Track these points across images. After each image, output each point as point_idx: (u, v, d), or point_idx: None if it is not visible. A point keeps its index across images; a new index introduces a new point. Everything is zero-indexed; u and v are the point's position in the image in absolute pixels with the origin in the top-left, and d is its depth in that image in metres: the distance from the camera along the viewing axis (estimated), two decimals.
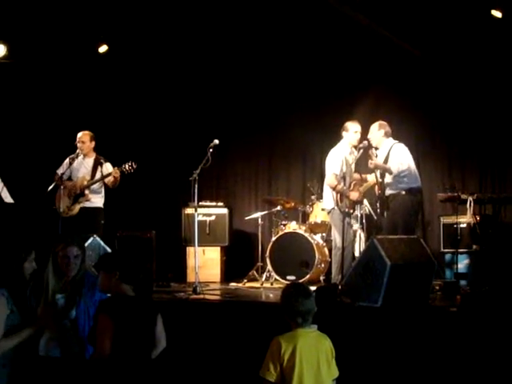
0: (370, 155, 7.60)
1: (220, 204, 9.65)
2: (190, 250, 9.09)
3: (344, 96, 9.58)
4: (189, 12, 9.18)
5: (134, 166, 7.80)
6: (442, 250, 8.56)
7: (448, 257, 8.46)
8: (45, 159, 9.34)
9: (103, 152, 8.32)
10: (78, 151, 8.05)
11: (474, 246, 8.22)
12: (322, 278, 8.58)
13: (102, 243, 7.35)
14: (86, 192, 8.00)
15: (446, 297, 6.89)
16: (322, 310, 4.26)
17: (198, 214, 8.29)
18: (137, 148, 9.69)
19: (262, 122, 10.22)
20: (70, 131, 8.41)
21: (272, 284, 8.57)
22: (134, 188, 9.35)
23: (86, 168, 8.14)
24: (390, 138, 7.68)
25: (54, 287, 4.24)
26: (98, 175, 8.05)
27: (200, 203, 8.67)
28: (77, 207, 8.01)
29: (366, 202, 8.11)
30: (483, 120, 9.08)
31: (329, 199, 7.82)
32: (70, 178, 8.14)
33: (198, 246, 8.04)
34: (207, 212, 9.45)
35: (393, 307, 5.92)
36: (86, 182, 8.02)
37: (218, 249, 9.45)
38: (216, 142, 7.66)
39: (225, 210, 9.58)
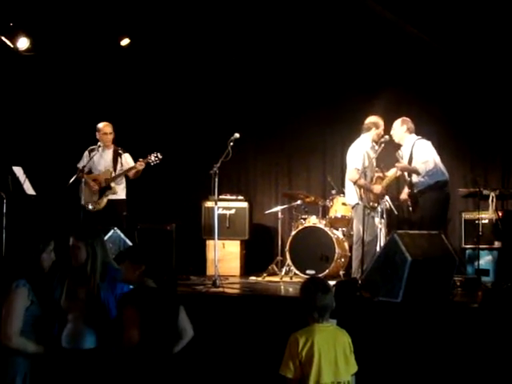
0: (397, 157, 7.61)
1: (240, 197, 9.64)
2: (209, 243, 9.10)
3: (365, 90, 9.50)
4: (211, 7, 9.18)
5: (160, 157, 7.86)
6: (463, 245, 8.50)
7: (469, 253, 8.40)
8: (67, 151, 9.39)
9: (125, 145, 8.36)
10: (99, 143, 8.09)
11: (496, 242, 8.16)
12: (341, 272, 8.55)
13: (122, 236, 7.38)
14: (113, 185, 8.07)
15: (467, 293, 6.85)
16: (342, 305, 4.25)
17: (218, 208, 8.30)
18: (158, 141, 9.69)
19: (283, 116, 10.20)
20: (92, 123, 8.45)
21: (291, 278, 8.56)
22: (154, 181, 9.38)
23: (105, 160, 8.19)
24: (413, 134, 7.66)
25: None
26: (118, 167, 8.10)
27: (220, 196, 8.66)
28: (104, 200, 8.10)
29: (386, 197, 8.07)
30: (506, 115, 8.98)
31: (352, 194, 7.78)
32: (90, 171, 8.18)
33: (218, 239, 8.07)
34: (227, 205, 9.45)
35: (413, 303, 5.90)
36: (110, 175, 8.06)
37: (238, 242, 9.45)
38: (236, 135, 7.68)
39: (245, 204, 9.58)
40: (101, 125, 8.18)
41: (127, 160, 8.18)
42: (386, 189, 7.88)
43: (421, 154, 7.46)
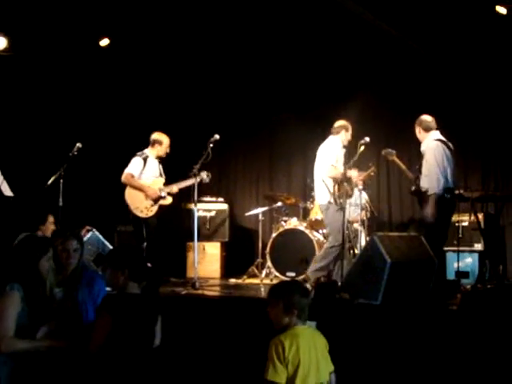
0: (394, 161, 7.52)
1: (220, 199, 9.63)
2: (189, 245, 9.08)
3: (346, 92, 9.55)
4: (192, 8, 9.12)
5: (210, 176, 7.94)
6: (443, 248, 8.49)
7: (449, 255, 8.40)
8: (44, 153, 9.32)
9: (101, 147, 8.30)
10: (148, 151, 8.12)
11: (476, 245, 8.18)
12: None
13: (101, 237, 7.34)
14: (164, 194, 8.08)
15: (446, 295, 6.84)
16: (322, 307, 4.21)
17: (199, 210, 8.26)
18: (137, 142, 9.65)
19: (263, 118, 10.20)
20: (70, 125, 8.37)
21: (272, 280, 8.51)
22: None
23: (156, 169, 8.19)
24: (432, 132, 7.32)
25: (52, 281, 4.20)
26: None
27: (200, 198, 8.64)
28: (155, 208, 8.05)
29: (365, 195, 8.05)
30: (486, 118, 9.03)
31: (324, 193, 7.56)
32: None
33: (198, 241, 8.01)
34: (207, 207, 9.43)
35: (392, 305, 5.89)
36: (163, 185, 8.09)
37: (218, 244, 9.44)
38: (216, 136, 7.63)
39: (225, 206, 9.57)
40: (165, 137, 8.20)
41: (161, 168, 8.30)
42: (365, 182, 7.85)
43: (428, 157, 7.26)
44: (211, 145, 7.60)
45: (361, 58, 9.48)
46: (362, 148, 7.44)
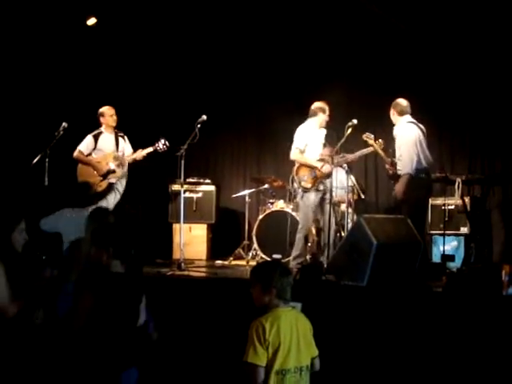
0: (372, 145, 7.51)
1: (207, 181, 9.59)
2: (176, 226, 9.05)
3: (334, 75, 9.51)
4: None
5: (168, 145, 7.72)
6: (429, 231, 8.52)
7: (435, 238, 8.44)
8: (29, 132, 9.22)
9: (86, 126, 8.22)
10: (102, 128, 7.98)
11: (462, 228, 8.20)
12: (308, 256, 8.53)
13: None
14: (113, 167, 7.90)
15: (432, 277, 6.86)
16: (308, 288, 4.20)
17: (185, 191, 8.24)
18: (124, 122, 9.58)
19: (252, 100, 10.13)
20: (55, 104, 8.27)
21: (258, 262, 8.51)
22: None
23: (110, 144, 8.03)
24: (406, 116, 7.31)
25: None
26: (119, 150, 8.02)
27: (187, 180, 8.62)
28: (105, 183, 7.89)
29: (353, 179, 8.04)
30: (473, 101, 9.02)
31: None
32: (89, 154, 7.99)
33: (185, 222, 8.01)
34: (194, 189, 9.39)
35: (378, 287, 5.91)
36: (113, 159, 7.92)
37: (205, 226, 9.42)
38: (204, 117, 7.59)
39: (212, 187, 9.54)
40: (105, 108, 8.04)
41: (127, 142, 8.13)
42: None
43: (400, 140, 7.24)
44: (199, 125, 7.56)
45: (346, 38, 9.47)
46: (350, 130, 7.41)
